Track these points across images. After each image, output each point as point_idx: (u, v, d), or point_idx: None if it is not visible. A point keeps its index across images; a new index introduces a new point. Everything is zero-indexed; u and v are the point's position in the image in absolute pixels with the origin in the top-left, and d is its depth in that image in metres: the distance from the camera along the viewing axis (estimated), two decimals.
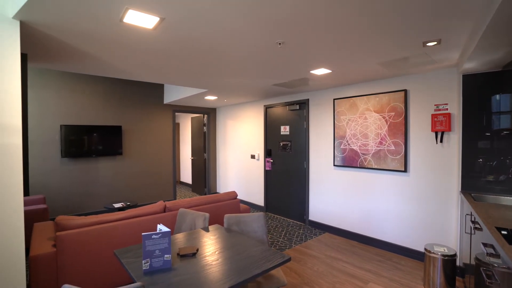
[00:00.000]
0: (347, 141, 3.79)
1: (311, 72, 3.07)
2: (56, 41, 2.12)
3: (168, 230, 1.53)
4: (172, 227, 2.71)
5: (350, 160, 3.76)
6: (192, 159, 7.12)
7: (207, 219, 2.25)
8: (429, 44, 2.17)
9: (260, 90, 4.28)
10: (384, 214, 3.42)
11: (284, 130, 4.82)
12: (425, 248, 2.54)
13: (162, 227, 1.60)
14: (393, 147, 3.30)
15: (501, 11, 1.36)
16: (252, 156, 5.54)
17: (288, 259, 1.60)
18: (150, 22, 1.76)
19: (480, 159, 2.56)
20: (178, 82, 3.65)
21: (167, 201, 4.45)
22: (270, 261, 1.56)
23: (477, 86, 2.58)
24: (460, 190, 2.69)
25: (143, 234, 1.46)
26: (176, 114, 8.48)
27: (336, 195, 3.98)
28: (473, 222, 2.02)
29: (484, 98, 2.54)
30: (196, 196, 3.28)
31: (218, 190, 6.76)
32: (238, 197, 5.99)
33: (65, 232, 2.14)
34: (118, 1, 1.50)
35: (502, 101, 2.43)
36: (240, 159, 5.91)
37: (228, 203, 3.25)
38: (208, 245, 1.80)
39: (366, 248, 3.48)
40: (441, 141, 2.94)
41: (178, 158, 8.67)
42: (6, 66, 1.75)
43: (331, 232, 4.02)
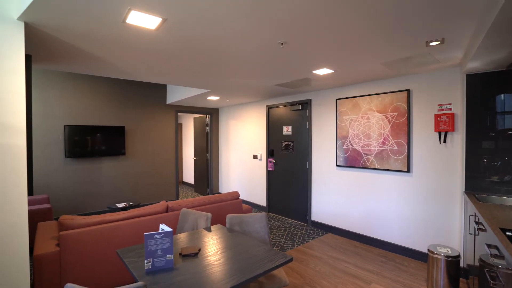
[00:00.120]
0: (350, 141, 3.78)
1: (313, 72, 3.07)
2: (60, 42, 2.14)
3: (170, 230, 1.53)
4: (175, 227, 2.72)
5: (352, 160, 3.75)
6: (194, 159, 7.14)
7: (209, 219, 2.25)
8: (432, 43, 2.15)
9: (262, 90, 4.29)
10: (387, 214, 3.41)
11: (287, 130, 4.82)
12: (428, 249, 2.52)
13: (164, 227, 1.60)
14: (396, 147, 3.28)
15: (504, 10, 1.35)
16: (255, 156, 5.54)
17: (290, 259, 1.60)
18: (153, 23, 1.77)
19: (484, 160, 2.54)
20: (180, 82, 3.66)
21: (169, 201, 4.46)
22: (272, 261, 1.56)
23: (481, 85, 2.56)
24: (463, 190, 2.66)
25: (145, 233, 1.47)
26: (179, 114, 8.51)
27: (338, 195, 3.96)
28: (477, 223, 2.01)
29: (488, 98, 2.52)
30: (198, 196, 3.29)
31: (220, 190, 6.77)
32: (240, 197, 5.99)
33: (68, 232, 2.16)
34: (121, 2, 1.51)
35: (507, 100, 2.41)
36: (243, 159, 5.91)
37: (230, 203, 3.26)
38: (210, 245, 1.81)
39: (369, 248, 3.46)
40: (444, 141, 2.92)
41: (181, 158, 8.70)
42: (11, 67, 1.77)
43: (334, 232, 4.01)
